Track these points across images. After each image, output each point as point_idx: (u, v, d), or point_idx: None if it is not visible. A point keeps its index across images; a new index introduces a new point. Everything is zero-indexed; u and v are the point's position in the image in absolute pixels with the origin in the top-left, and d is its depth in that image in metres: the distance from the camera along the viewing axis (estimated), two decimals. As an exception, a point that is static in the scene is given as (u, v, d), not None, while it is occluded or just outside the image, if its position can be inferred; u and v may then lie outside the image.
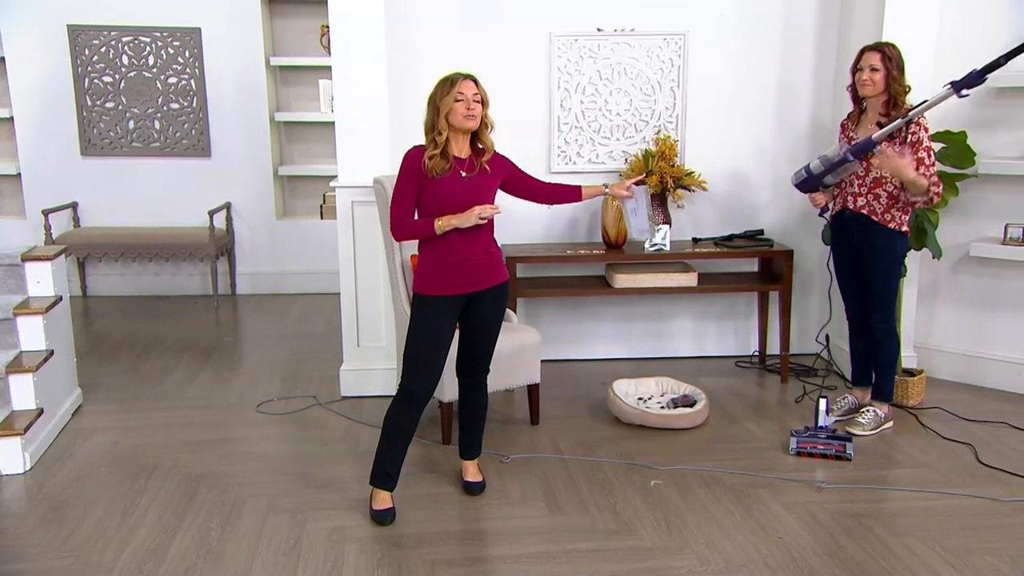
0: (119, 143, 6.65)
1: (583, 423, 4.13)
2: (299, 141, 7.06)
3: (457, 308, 3.17)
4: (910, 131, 3.68)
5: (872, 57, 3.71)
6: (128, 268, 6.79)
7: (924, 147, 3.69)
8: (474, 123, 3.05)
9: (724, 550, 2.99)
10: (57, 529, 3.15)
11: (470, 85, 3.04)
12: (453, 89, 3.01)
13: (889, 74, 3.69)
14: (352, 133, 4.27)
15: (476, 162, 3.14)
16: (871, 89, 3.73)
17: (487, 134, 3.15)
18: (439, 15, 4.60)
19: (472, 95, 3.02)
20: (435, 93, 3.07)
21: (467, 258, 3.11)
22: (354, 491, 3.41)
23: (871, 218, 3.80)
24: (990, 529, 3.12)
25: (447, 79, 3.06)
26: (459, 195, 3.06)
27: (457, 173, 3.09)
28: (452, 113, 3.02)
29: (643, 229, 3.50)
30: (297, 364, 5.06)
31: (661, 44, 4.75)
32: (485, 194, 3.13)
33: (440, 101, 3.03)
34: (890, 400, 4.05)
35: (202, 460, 3.74)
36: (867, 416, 3.99)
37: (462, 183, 3.08)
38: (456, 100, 3.01)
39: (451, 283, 3.12)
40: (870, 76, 3.71)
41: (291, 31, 6.83)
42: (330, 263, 6.28)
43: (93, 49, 6.50)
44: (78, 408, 4.33)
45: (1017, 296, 4.45)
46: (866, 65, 3.72)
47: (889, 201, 3.77)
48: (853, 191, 3.85)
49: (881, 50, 3.70)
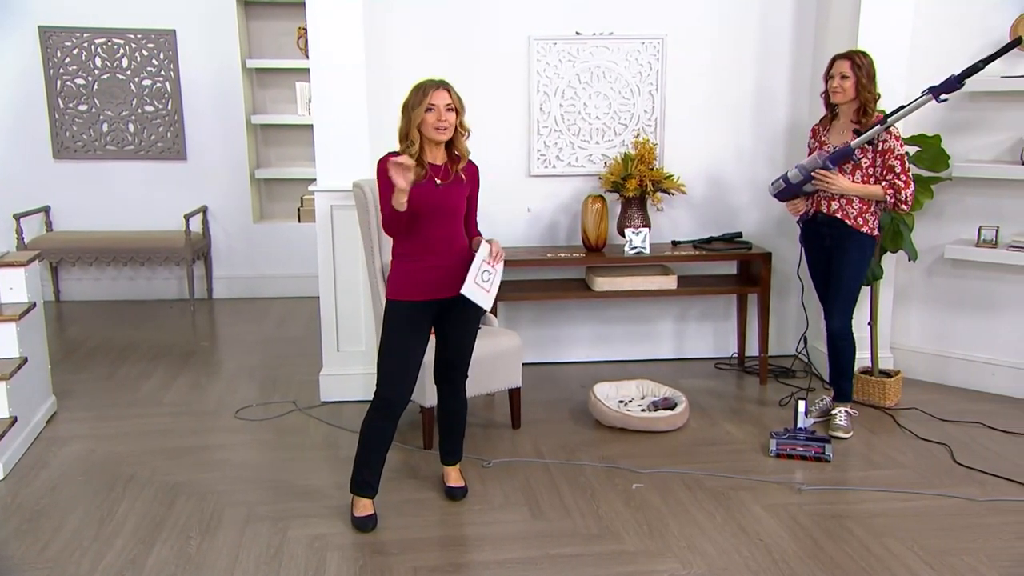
0: (93, 146, 6.57)
1: (564, 427, 4.13)
2: (276, 144, 7.01)
3: (430, 314, 3.15)
4: (880, 138, 3.73)
5: (842, 65, 3.77)
6: (102, 272, 6.71)
7: (896, 155, 3.75)
8: (445, 135, 3.02)
9: (706, 553, 3.00)
10: (32, 540, 3.10)
11: (442, 95, 2.99)
12: (425, 99, 2.97)
13: (858, 82, 3.74)
14: (331, 137, 4.24)
15: (451, 169, 3.11)
16: (841, 96, 3.79)
17: (462, 141, 3.11)
18: (418, 18, 4.59)
19: (444, 105, 2.98)
20: (408, 101, 3.04)
21: (438, 264, 3.09)
22: (335, 498, 3.38)
23: (844, 221, 3.84)
24: (967, 529, 3.16)
25: (419, 87, 3.02)
26: (432, 202, 3.04)
27: (431, 180, 3.06)
28: (423, 124, 2.99)
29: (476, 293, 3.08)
30: (275, 369, 5.02)
31: (640, 48, 4.76)
32: (457, 202, 3.11)
33: (412, 111, 3.00)
34: (849, 400, 4.10)
35: (180, 468, 3.69)
36: (842, 419, 4.03)
37: (435, 191, 3.06)
38: (427, 110, 2.98)
39: (422, 289, 3.09)
40: (840, 84, 3.77)
41: (267, 33, 6.77)
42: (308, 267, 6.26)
43: (65, 51, 6.41)
44: (52, 416, 4.26)
45: (991, 297, 4.51)
46: (837, 73, 3.78)
47: (862, 205, 3.81)
48: (827, 195, 3.89)
49: (851, 58, 3.77)
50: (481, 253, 3.06)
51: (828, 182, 3.76)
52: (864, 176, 3.80)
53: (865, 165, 3.79)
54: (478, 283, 3.06)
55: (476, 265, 3.05)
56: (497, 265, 3.10)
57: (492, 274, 3.09)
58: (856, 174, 3.80)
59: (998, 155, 4.40)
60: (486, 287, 3.09)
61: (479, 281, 3.07)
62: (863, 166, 3.79)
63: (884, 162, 3.75)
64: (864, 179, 3.79)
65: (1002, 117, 4.36)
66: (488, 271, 3.08)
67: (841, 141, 3.83)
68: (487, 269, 3.07)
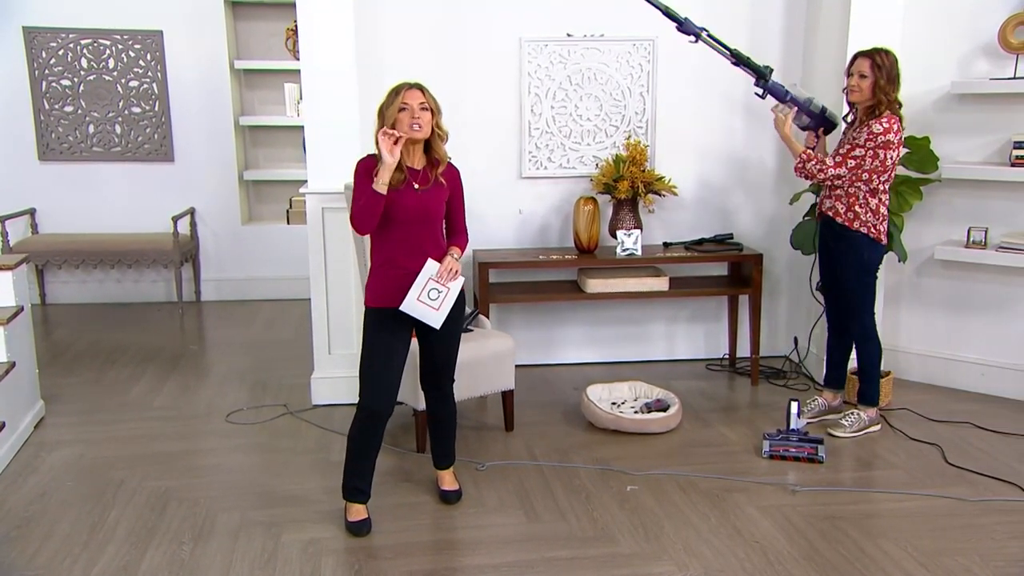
0: (79, 148, 6.51)
1: (557, 429, 4.13)
2: (264, 145, 6.97)
3: (410, 321, 3.10)
4: (871, 127, 3.69)
5: (862, 64, 3.71)
6: (89, 275, 6.65)
7: (872, 137, 3.65)
8: (420, 133, 2.98)
9: (702, 555, 3.00)
10: (22, 547, 3.06)
11: (416, 94, 2.97)
12: (397, 99, 2.96)
13: (876, 83, 3.69)
14: (322, 138, 4.22)
15: (431, 174, 3.08)
16: (858, 96, 3.75)
17: (440, 145, 3.08)
18: (409, 20, 4.57)
19: (418, 104, 2.96)
20: (382, 103, 3.02)
21: (417, 270, 3.04)
22: (328, 502, 3.36)
23: (836, 220, 3.85)
24: (959, 529, 3.18)
25: (393, 89, 3.01)
26: (410, 207, 3.02)
27: (410, 185, 3.04)
28: (397, 123, 2.96)
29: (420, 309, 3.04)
30: (265, 372, 4.99)
31: (630, 50, 4.76)
32: (436, 207, 3.09)
33: (386, 111, 2.98)
34: (875, 404, 4.05)
35: (171, 472, 3.66)
36: (850, 419, 4.03)
37: (414, 196, 3.03)
38: (400, 110, 2.96)
39: (401, 295, 3.04)
40: (858, 83, 3.72)
41: (255, 34, 6.73)
42: (296, 269, 6.24)
43: (50, 52, 6.35)
44: (40, 420, 4.22)
45: (980, 298, 4.54)
46: (856, 71, 3.73)
47: (850, 200, 3.80)
48: (825, 194, 3.90)
49: (872, 57, 3.70)
50: (426, 271, 3.02)
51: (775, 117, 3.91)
52: (850, 150, 3.75)
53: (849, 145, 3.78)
54: (423, 300, 3.01)
55: (419, 282, 3.00)
56: (451, 283, 3.05)
57: (442, 292, 3.03)
58: (844, 147, 3.79)
59: (987, 157, 4.43)
60: (434, 304, 3.03)
61: (425, 298, 3.01)
62: None
63: (860, 141, 3.69)
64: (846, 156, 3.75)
65: (990, 119, 4.38)
66: (437, 289, 3.02)
67: None
68: (435, 287, 3.02)
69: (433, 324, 3.06)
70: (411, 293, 3.01)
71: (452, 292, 3.06)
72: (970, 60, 4.41)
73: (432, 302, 3.03)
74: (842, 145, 3.84)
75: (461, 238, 3.22)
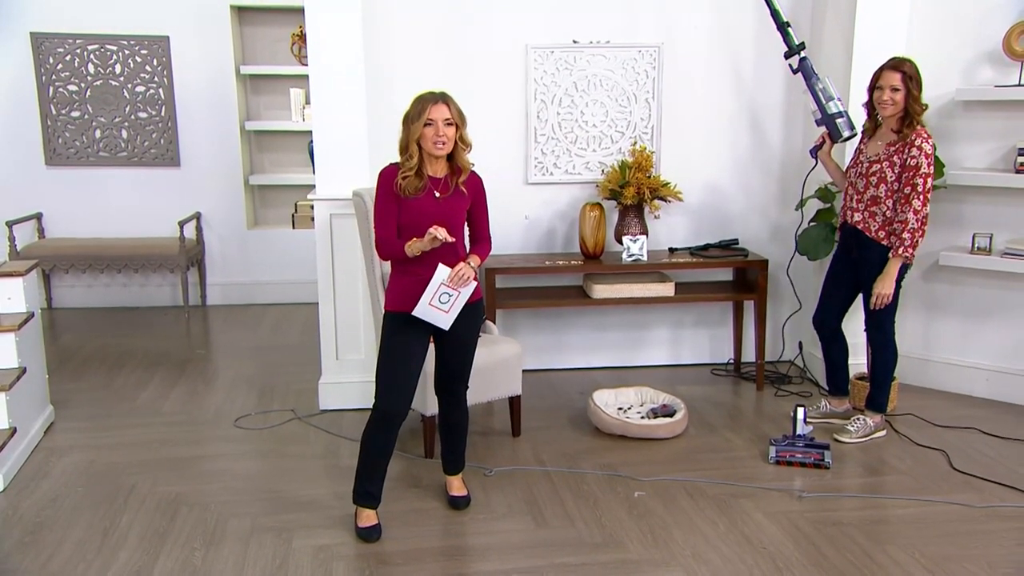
0: (85, 153, 6.53)
1: (564, 434, 4.15)
2: (270, 150, 6.99)
3: (427, 325, 3.12)
4: (910, 155, 3.67)
5: (892, 78, 3.68)
6: (95, 279, 6.67)
7: (921, 174, 3.65)
8: (444, 150, 3.00)
9: (711, 562, 3.02)
10: (35, 553, 3.08)
11: (441, 109, 2.97)
12: (424, 114, 2.96)
13: (909, 93, 3.68)
14: (330, 145, 4.24)
15: (452, 182, 3.11)
16: (892, 109, 3.71)
17: (463, 155, 3.09)
18: (417, 26, 4.60)
19: (443, 120, 2.96)
20: (408, 113, 3.03)
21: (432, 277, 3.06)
22: (338, 507, 3.38)
23: (865, 234, 3.84)
24: (966, 535, 3.19)
25: (419, 99, 3.01)
26: (431, 216, 3.03)
27: (431, 193, 3.06)
28: (422, 138, 2.98)
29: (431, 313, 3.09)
30: (273, 377, 5.01)
31: (636, 56, 4.79)
32: (456, 216, 3.10)
33: (411, 124, 2.99)
34: (883, 411, 4.06)
35: (181, 478, 3.68)
36: (856, 424, 4.05)
37: (435, 204, 3.06)
38: (426, 125, 2.97)
39: (416, 301, 3.05)
40: (891, 96, 3.69)
41: (261, 39, 6.76)
42: (302, 273, 6.28)
43: (58, 57, 6.38)
44: (50, 425, 4.24)
45: (985, 304, 4.56)
46: (886, 85, 3.69)
47: (884, 221, 3.79)
48: (851, 206, 3.90)
49: (901, 70, 3.68)
50: (438, 276, 3.04)
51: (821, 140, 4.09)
52: (888, 191, 3.74)
53: (891, 180, 3.73)
54: (434, 304, 3.06)
55: (431, 287, 3.04)
56: (462, 288, 3.07)
57: (453, 296, 3.07)
58: (881, 187, 3.75)
59: (992, 163, 4.45)
60: (444, 308, 3.07)
61: (436, 303, 3.06)
62: (888, 180, 3.74)
63: (908, 179, 3.67)
64: (888, 194, 3.74)
65: (995, 126, 4.41)
66: (448, 293, 3.05)
67: (878, 150, 3.80)
68: (446, 292, 3.05)
69: (442, 326, 3.10)
70: (423, 298, 3.04)
71: (463, 296, 3.09)
72: (975, 67, 4.43)
73: (443, 306, 3.07)
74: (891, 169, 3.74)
75: (482, 246, 3.24)
